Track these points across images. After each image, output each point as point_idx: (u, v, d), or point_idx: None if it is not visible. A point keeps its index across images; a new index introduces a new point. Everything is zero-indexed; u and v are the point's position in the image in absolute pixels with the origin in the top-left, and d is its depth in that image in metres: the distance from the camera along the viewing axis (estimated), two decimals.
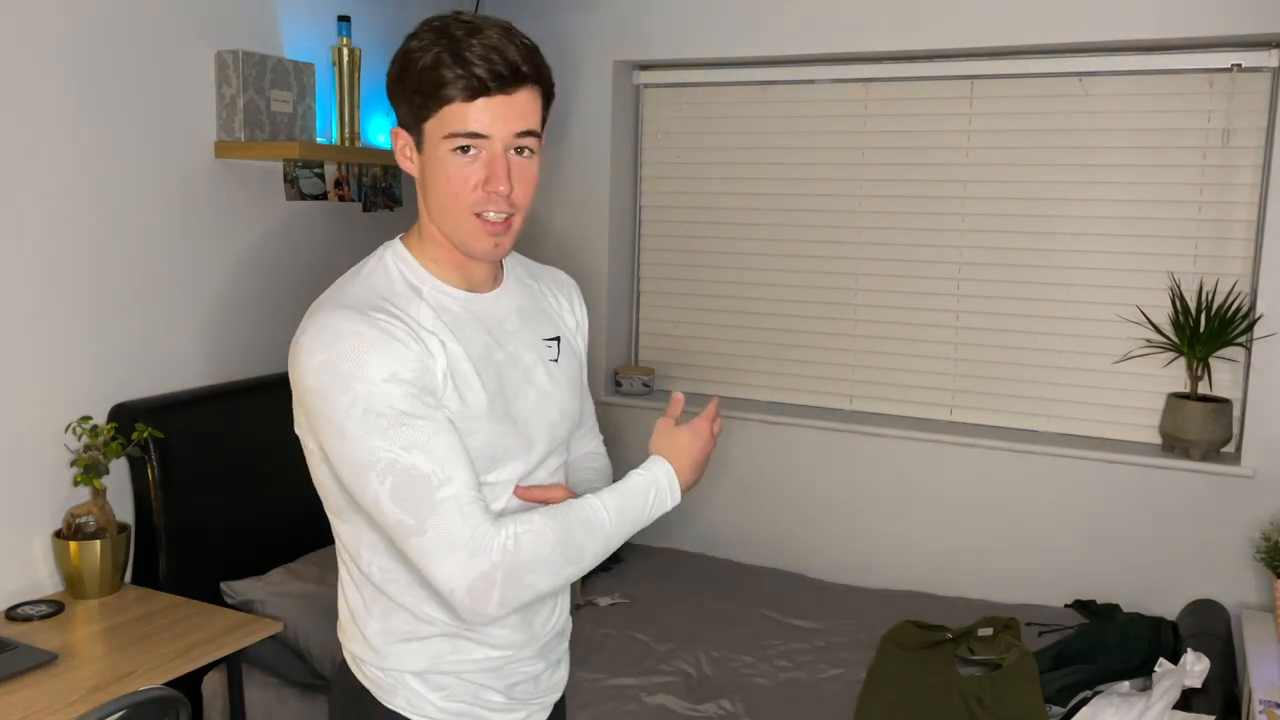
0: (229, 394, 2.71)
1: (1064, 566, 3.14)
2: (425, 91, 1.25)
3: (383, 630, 1.41)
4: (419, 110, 1.27)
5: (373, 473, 1.22)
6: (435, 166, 1.29)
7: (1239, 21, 2.77)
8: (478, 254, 1.33)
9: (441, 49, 1.24)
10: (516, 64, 1.25)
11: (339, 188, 3.13)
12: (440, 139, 1.27)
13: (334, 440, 1.24)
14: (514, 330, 1.40)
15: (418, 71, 1.25)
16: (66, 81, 2.39)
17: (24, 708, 1.88)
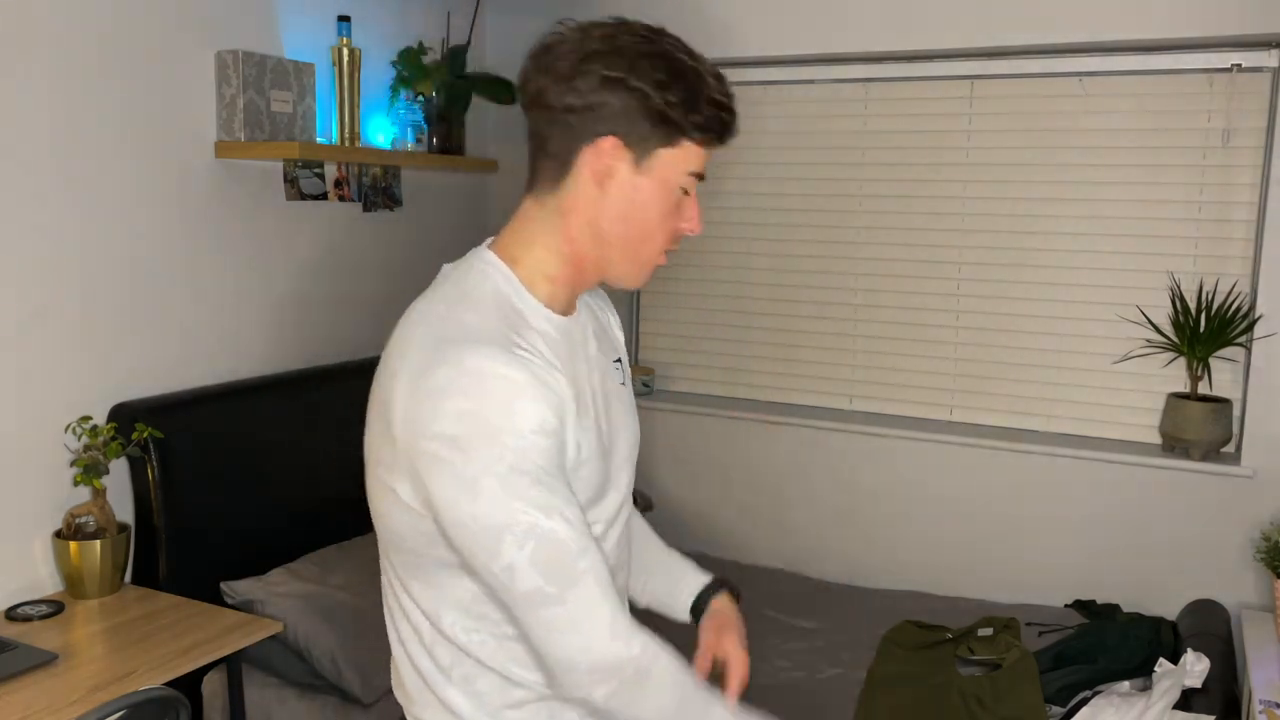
0: (229, 394, 2.71)
1: (1064, 566, 3.14)
2: (682, 119, 1.15)
3: (469, 695, 1.24)
4: (670, 133, 1.16)
5: (510, 536, 1.09)
6: (652, 196, 1.19)
7: (1239, 21, 2.77)
8: (629, 285, 1.26)
9: (707, 82, 1.16)
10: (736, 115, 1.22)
11: (339, 188, 3.13)
12: (678, 173, 1.19)
13: (460, 496, 1.09)
14: (594, 354, 1.29)
15: (682, 97, 1.15)
16: (66, 81, 2.39)
17: (24, 708, 1.88)
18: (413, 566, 1.21)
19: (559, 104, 1.17)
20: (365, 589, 2.61)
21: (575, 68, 1.15)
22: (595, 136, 1.17)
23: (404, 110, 3.21)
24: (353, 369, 3.09)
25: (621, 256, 1.22)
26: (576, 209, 1.21)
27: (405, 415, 1.12)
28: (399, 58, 3.24)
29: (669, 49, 1.16)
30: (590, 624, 1.13)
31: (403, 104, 3.22)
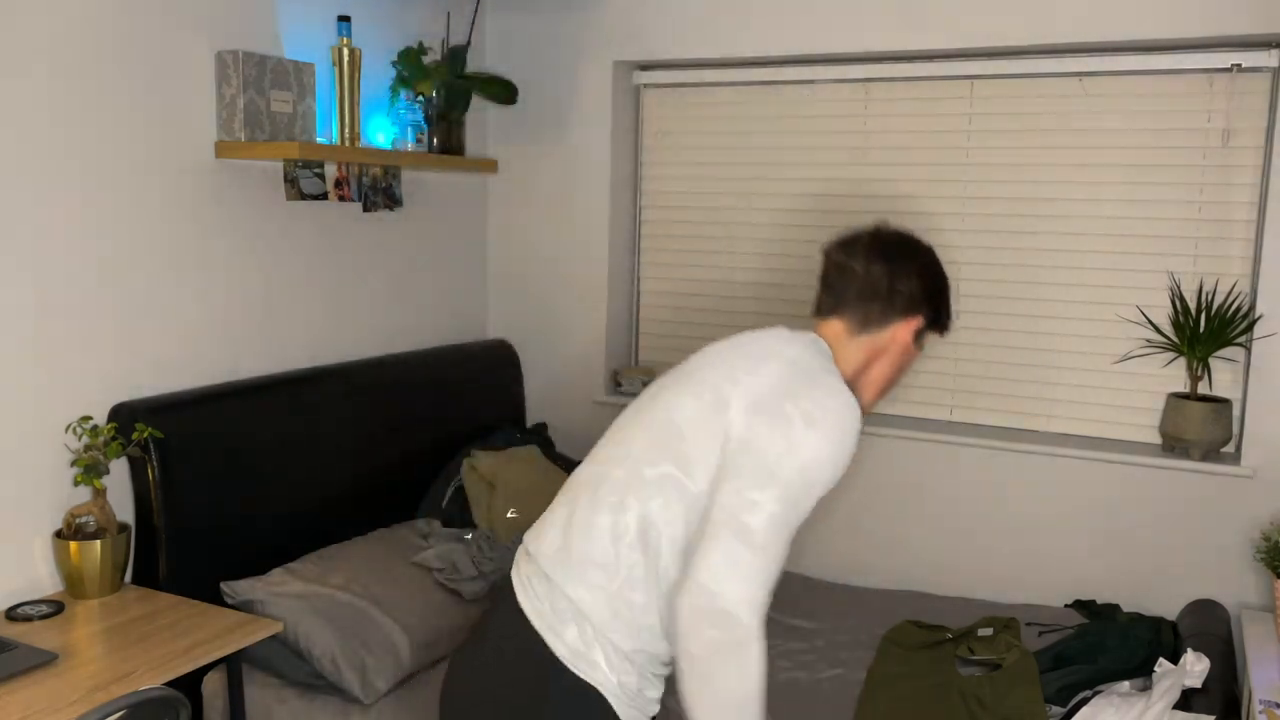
0: (229, 394, 2.71)
1: (1064, 566, 3.14)
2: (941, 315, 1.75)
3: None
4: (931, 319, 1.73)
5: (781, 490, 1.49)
6: (908, 358, 1.74)
7: (1239, 21, 2.77)
8: (870, 409, 1.76)
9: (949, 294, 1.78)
10: None
11: (339, 188, 3.13)
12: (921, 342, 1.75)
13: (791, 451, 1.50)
14: None
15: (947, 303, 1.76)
16: (66, 81, 2.39)
17: (24, 708, 1.88)
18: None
19: (892, 287, 1.69)
20: (365, 589, 2.61)
21: (923, 265, 1.72)
22: (910, 315, 1.71)
23: (404, 110, 3.21)
24: (353, 369, 3.09)
25: (877, 391, 1.74)
26: (875, 347, 1.71)
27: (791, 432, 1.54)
28: (399, 58, 3.24)
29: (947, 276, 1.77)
30: (751, 583, 1.45)
31: (403, 104, 3.22)
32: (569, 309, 3.76)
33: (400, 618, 2.57)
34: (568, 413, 3.79)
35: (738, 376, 1.59)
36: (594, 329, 3.73)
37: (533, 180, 3.76)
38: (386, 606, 2.58)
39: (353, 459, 3.02)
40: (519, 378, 3.73)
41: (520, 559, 1.71)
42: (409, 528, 3.02)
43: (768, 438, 1.51)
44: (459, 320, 3.73)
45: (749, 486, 1.48)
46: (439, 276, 3.61)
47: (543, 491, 3.17)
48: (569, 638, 1.58)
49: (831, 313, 1.72)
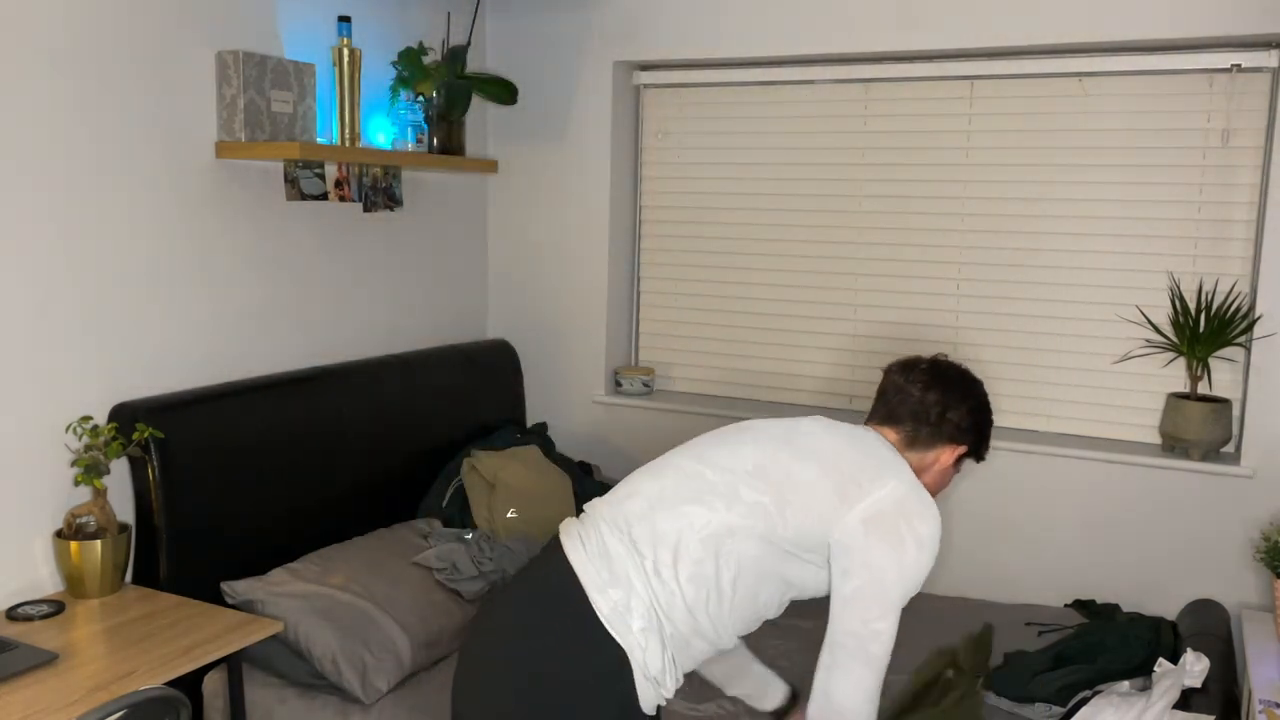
0: (229, 394, 2.71)
1: (1064, 566, 3.14)
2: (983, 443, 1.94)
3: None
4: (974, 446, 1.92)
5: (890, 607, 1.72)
6: (950, 477, 1.96)
7: (1239, 21, 2.77)
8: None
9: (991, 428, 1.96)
10: None
11: (339, 188, 3.13)
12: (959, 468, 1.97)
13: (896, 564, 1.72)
14: None
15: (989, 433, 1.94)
16: (66, 81, 2.39)
17: (24, 708, 1.89)
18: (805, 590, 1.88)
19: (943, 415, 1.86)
20: (365, 589, 2.61)
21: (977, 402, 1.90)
22: (957, 443, 1.89)
23: (404, 110, 3.21)
24: (353, 369, 3.09)
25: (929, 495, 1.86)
26: (919, 467, 1.88)
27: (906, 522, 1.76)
28: (399, 58, 3.24)
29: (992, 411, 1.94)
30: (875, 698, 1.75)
31: (403, 104, 3.22)
32: (569, 309, 3.76)
33: (400, 618, 2.57)
34: (568, 413, 3.79)
35: (862, 482, 1.75)
36: (594, 329, 3.73)
37: (533, 180, 3.76)
38: (386, 606, 2.58)
39: (353, 459, 3.02)
40: (519, 378, 3.73)
41: (584, 518, 1.82)
42: (409, 528, 3.02)
43: (884, 559, 1.70)
44: (459, 320, 3.73)
45: (874, 618, 1.70)
46: (439, 276, 3.61)
47: (543, 492, 3.17)
48: (614, 597, 1.69)
49: (884, 423, 1.90)
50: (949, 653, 2.62)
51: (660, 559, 1.71)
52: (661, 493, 1.77)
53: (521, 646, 1.72)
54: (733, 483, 1.75)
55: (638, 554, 1.72)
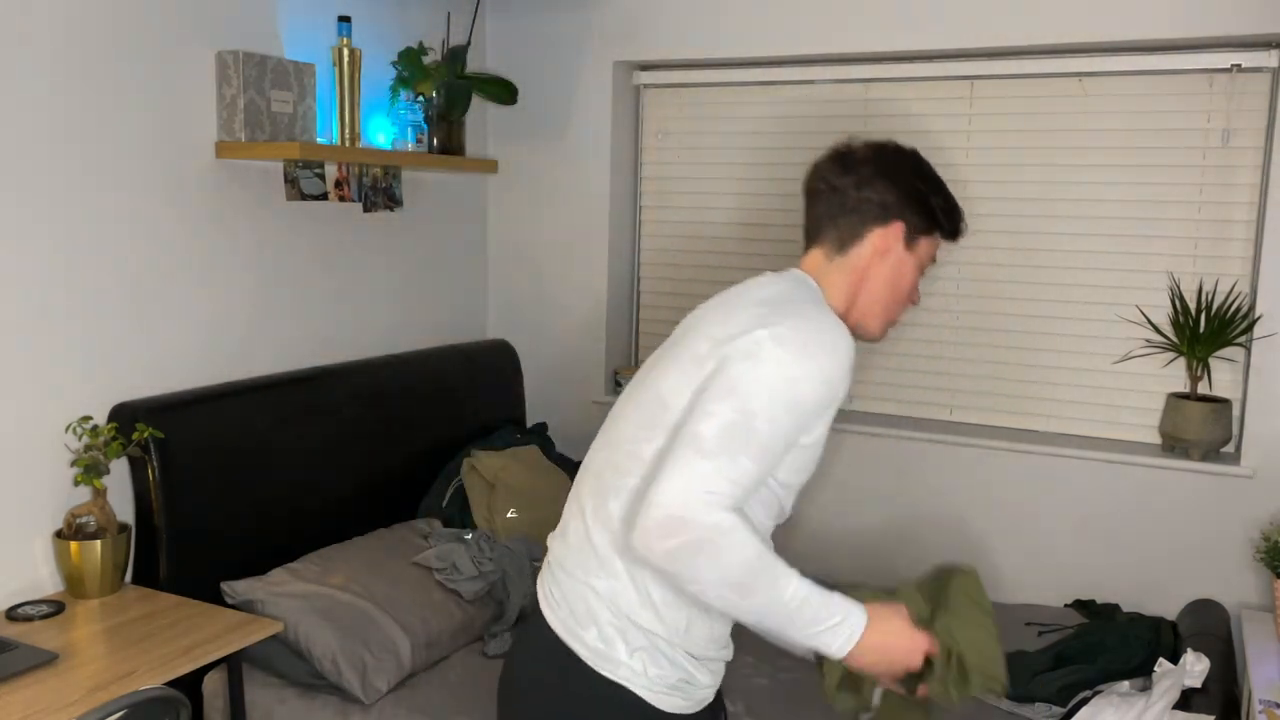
0: (229, 394, 2.71)
1: (1064, 566, 3.14)
2: (940, 219, 1.60)
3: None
4: (925, 227, 1.59)
5: (735, 399, 1.39)
6: (902, 270, 1.60)
7: (1239, 21, 2.77)
8: (869, 338, 1.64)
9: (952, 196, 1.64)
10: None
11: (339, 188, 3.13)
12: (927, 256, 1.62)
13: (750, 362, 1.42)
14: None
15: (943, 205, 1.60)
16: (67, 82, 2.39)
17: (24, 708, 1.88)
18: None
19: (859, 196, 1.59)
20: (365, 589, 2.61)
21: (875, 173, 1.60)
22: (886, 223, 1.58)
23: (404, 110, 3.21)
24: (353, 369, 3.09)
25: (877, 308, 1.61)
26: (855, 267, 1.60)
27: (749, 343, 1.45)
28: (399, 58, 3.24)
29: (933, 169, 1.63)
30: (699, 481, 1.35)
31: (403, 104, 3.22)
32: (569, 309, 3.76)
33: (400, 618, 2.57)
34: (568, 413, 3.79)
35: (712, 331, 1.51)
36: (594, 329, 3.73)
37: (533, 180, 3.76)
38: (386, 606, 2.58)
39: (353, 458, 3.02)
40: (519, 378, 3.73)
41: (544, 566, 1.66)
42: (409, 528, 3.01)
43: (735, 361, 1.44)
44: (459, 320, 3.72)
45: (708, 399, 1.41)
46: (439, 276, 3.61)
47: (543, 491, 3.17)
48: (590, 639, 1.52)
49: (811, 244, 1.66)
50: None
51: (616, 568, 1.53)
52: (584, 510, 1.58)
53: (532, 711, 1.60)
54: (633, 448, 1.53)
55: (601, 575, 1.54)
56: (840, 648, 1.41)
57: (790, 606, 1.38)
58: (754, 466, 1.39)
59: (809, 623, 1.39)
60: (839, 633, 1.41)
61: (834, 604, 1.42)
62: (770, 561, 1.38)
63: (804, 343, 1.44)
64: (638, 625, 1.51)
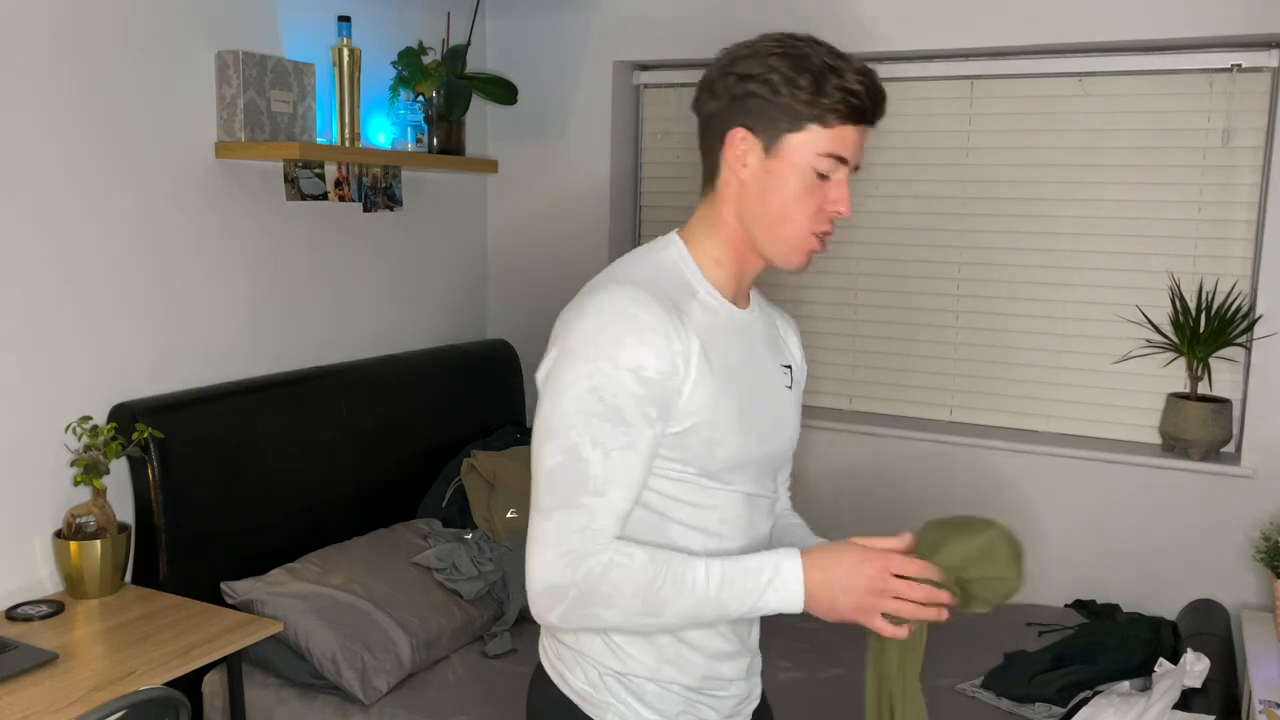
0: (229, 394, 2.71)
1: (1064, 566, 3.14)
2: (805, 103, 1.28)
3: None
4: (794, 119, 1.29)
5: (553, 444, 1.24)
6: (785, 179, 1.30)
7: (1239, 21, 2.77)
8: (788, 267, 1.36)
9: (828, 66, 1.29)
10: (881, 101, 1.31)
11: (339, 188, 3.13)
12: (808, 155, 1.29)
13: (549, 396, 1.26)
14: (762, 351, 1.42)
15: (806, 83, 1.27)
16: (66, 82, 2.39)
17: (24, 708, 1.89)
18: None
19: (706, 110, 1.35)
20: (365, 589, 2.61)
21: (718, 73, 1.35)
22: (728, 130, 1.32)
23: (404, 110, 3.21)
24: (353, 369, 3.09)
25: (767, 235, 1.33)
26: (725, 196, 1.35)
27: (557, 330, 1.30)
28: (399, 58, 3.24)
29: (799, 46, 1.32)
30: (554, 547, 1.23)
31: (403, 104, 3.22)
32: None
33: (400, 618, 2.57)
34: None
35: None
36: None
37: (533, 180, 3.76)
38: (386, 606, 2.58)
39: (353, 459, 3.02)
40: (519, 378, 3.73)
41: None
42: (409, 528, 3.02)
43: (541, 399, 1.28)
44: (459, 320, 3.73)
45: (533, 451, 1.28)
46: (439, 276, 3.61)
47: None
48: (576, 683, 1.39)
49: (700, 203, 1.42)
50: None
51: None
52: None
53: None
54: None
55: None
56: (792, 598, 1.24)
57: (713, 593, 1.24)
58: (601, 501, 1.24)
59: (744, 595, 1.24)
60: (779, 587, 1.24)
61: (755, 563, 1.25)
62: (666, 570, 1.24)
63: (592, 347, 1.23)
64: (612, 670, 1.37)
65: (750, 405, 1.35)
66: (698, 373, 1.27)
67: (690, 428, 1.28)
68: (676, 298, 1.30)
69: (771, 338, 1.46)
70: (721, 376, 1.31)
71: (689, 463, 1.31)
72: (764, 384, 1.40)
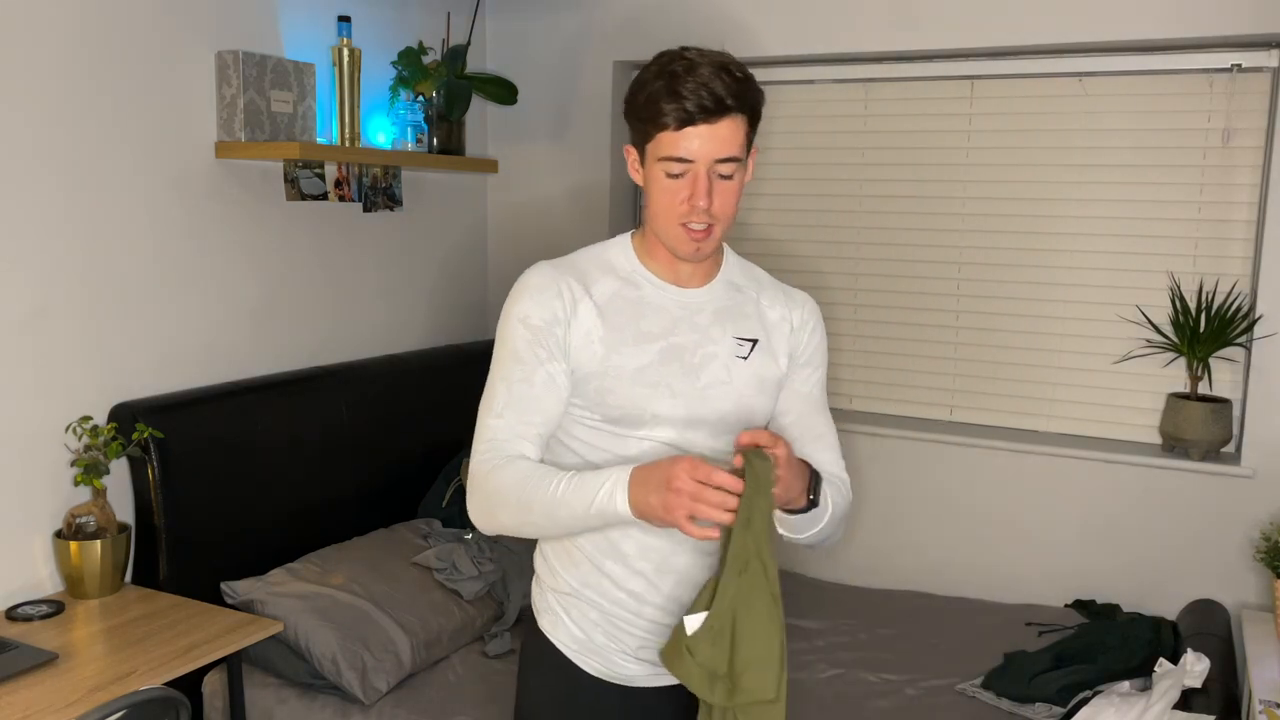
0: (229, 394, 2.71)
1: (1064, 566, 3.14)
2: (646, 119, 1.47)
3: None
4: (641, 134, 1.50)
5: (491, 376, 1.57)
6: (652, 183, 1.51)
7: (1239, 21, 2.77)
8: (681, 255, 1.55)
9: (662, 83, 1.45)
10: (721, 98, 1.44)
11: (339, 188, 3.13)
12: (655, 161, 1.49)
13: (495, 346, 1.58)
14: (704, 324, 1.58)
15: (643, 101, 1.48)
16: (67, 81, 2.39)
17: (24, 708, 1.89)
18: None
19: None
20: (365, 589, 2.61)
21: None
22: (629, 144, 1.56)
23: (404, 110, 3.21)
24: (353, 369, 3.09)
25: (656, 231, 1.55)
26: (651, 211, 1.56)
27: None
28: (399, 58, 3.24)
29: (654, 63, 1.49)
30: (472, 454, 1.54)
31: (403, 104, 3.22)
32: None
33: (400, 618, 2.57)
34: None
35: None
36: None
37: (533, 180, 3.76)
38: (386, 606, 2.58)
39: (353, 459, 3.02)
40: None
41: None
42: (409, 528, 3.02)
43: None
44: (459, 320, 3.72)
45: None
46: (439, 276, 3.61)
47: None
48: (534, 598, 1.68)
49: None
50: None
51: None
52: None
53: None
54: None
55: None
56: (620, 500, 1.37)
57: (561, 494, 1.42)
58: (501, 422, 1.52)
59: (586, 496, 1.40)
60: (611, 490, 1.38)
61: (604, 473, 1.40)
62: (537, 476, 1.45)
63: (504, 309, 1.59)
64: (549, 585, 1.64)
65: (661, 367, 1.54)
66: (588, 326, 1.53)
67: (584, 376, 1.53)
68: (589, 272, 1.58)
69: (729, 312, 1.61)
70: (623, 336, 1.53)
71: (592, 409, 1.54)
72: (697, 352, 1.56)
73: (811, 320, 1.70)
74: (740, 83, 1.46)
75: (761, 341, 1.62)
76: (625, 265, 1.60)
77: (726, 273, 1.65)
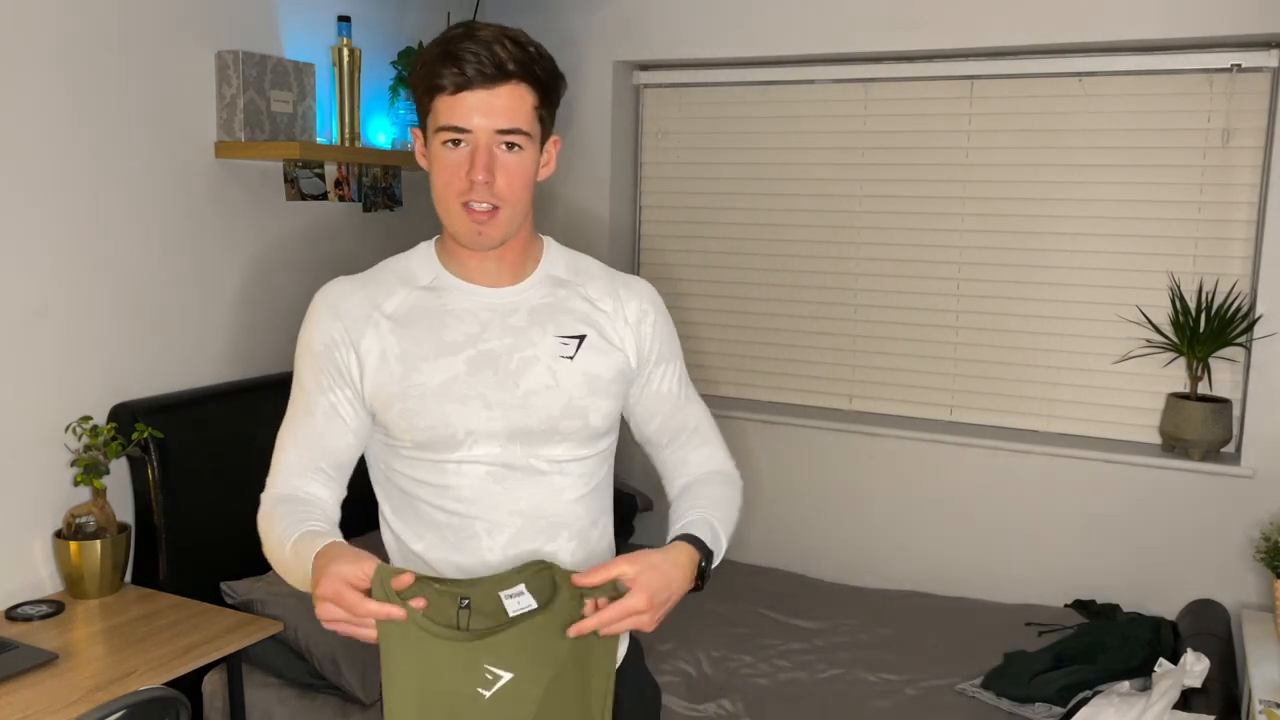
0: (229, 394, 2.71)
1: (1064, 566, 3.14)
2: (424, 90, 1.36)
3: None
4: (420, 107, 1.38)
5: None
6: (432, 158, 1.38)
7: (1239, 21, 2.77)
8: (464, 241, 1.40)
9: (440, 48, 1.34)
10: (503, 62, 1.32)
11: (339, 188, 3.13)
12: (434, 133, 1.36)
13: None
14: (520, 325, 1.44)
15: (418, 69, 1.36)
16: (66, 81, 2.39)
17: (24, 708, 1.89)
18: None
19: None
20: None
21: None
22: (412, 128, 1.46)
23: (404, 110, 3.21)
24: None
25: (440, 215, 1.41)
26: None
27: None
28: (399, 58, 3.24)
29: (446, 33, 1.37)
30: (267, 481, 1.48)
31: (402, 104, 3.22)
32: None
33: None
34: None
35: None
36: None
37: None
38: None
39: None
40: None
41: None
42: None
43: None
44: None
45: None
46: None
47: None
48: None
49: None
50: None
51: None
52: None
53: None
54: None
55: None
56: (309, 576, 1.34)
57: (289, 556, 1.41)
58: (281, 456, 1.48)
59: (302, 565, 1.36)
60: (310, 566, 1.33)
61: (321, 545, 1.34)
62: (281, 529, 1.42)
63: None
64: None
65: (470, 379, 1.39)
66: (381, 346, 1.40)
67: (385, 401, 1.39)
68: (384, 285, 1.47)
69: (548, 311, 1.45)
70: (422, 350, 1.39)
71: (402, 436, 1.40)
72: (513, 357, 1.41)
73: (651, 311, 1.53)
74: (525, 50, 1.34)
75: (590, 337, 1.46)
76: (425, 272, 1.46)
77: (547, 267, 1.49)
